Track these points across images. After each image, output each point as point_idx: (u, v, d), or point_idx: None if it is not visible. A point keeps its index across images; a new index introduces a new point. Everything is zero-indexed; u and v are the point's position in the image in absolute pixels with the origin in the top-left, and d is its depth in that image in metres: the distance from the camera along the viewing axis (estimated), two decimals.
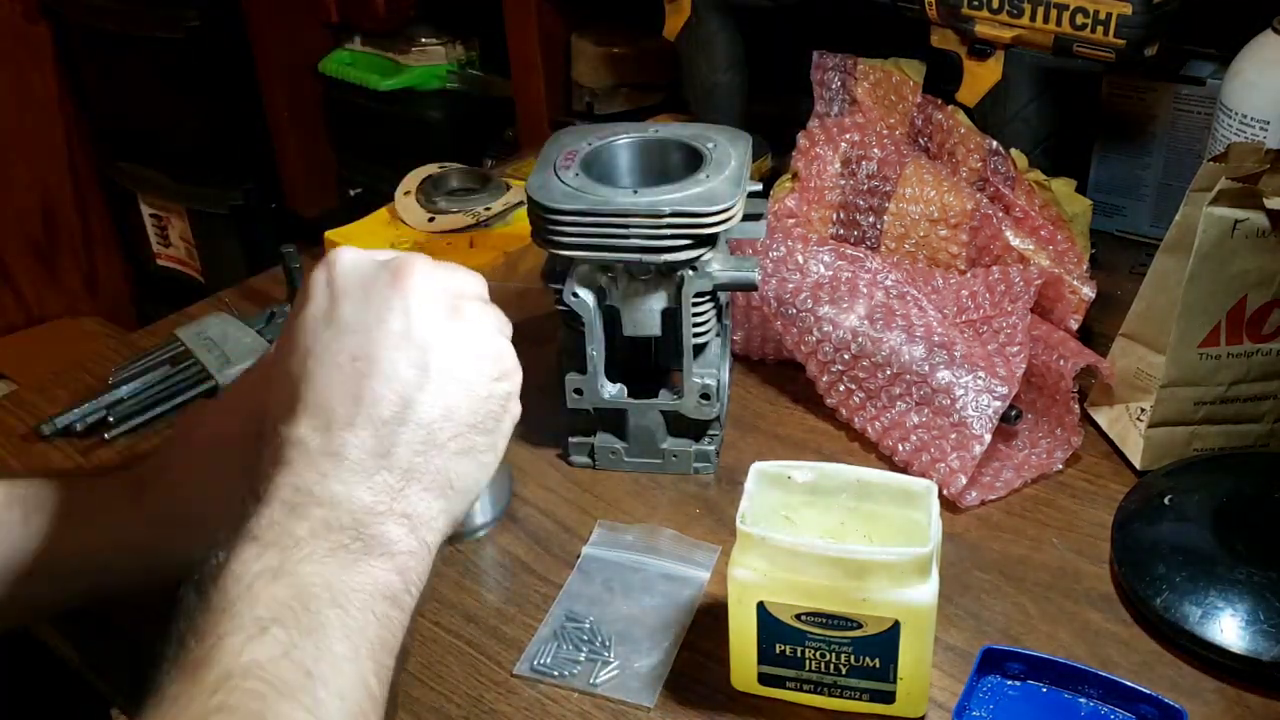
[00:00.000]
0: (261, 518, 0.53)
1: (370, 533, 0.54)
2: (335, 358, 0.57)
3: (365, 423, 0.56)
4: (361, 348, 0.57)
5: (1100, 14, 0.92)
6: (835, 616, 0.63)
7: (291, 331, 0.59)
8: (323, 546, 0.53)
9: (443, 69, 1.62)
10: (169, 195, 1.99)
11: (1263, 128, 0.92)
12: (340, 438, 0.55)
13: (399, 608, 0.54)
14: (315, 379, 0.57)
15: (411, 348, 0.58)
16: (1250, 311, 0.79)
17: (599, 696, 0.69)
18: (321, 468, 0.55)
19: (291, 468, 0.55)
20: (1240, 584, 0.70)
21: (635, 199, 0.76)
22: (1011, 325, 0.86)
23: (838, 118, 1.01)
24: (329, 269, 0.60)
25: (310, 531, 0.53)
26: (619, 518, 0.81)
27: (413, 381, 0.57)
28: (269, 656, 0.48)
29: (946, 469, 0.80)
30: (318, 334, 0.58)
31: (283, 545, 0.52)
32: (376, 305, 0.58)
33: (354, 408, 0.56)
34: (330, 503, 0.54)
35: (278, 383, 0.58)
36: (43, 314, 2.21)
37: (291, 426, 0.56)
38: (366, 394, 0.56)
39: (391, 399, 0.57)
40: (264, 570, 0.51)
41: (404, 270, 0.59)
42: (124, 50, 1.89)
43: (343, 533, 0.53)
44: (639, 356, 0.86)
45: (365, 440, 0.56)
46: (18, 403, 0.97)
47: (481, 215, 1.11)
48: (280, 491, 0.54)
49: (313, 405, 0.56)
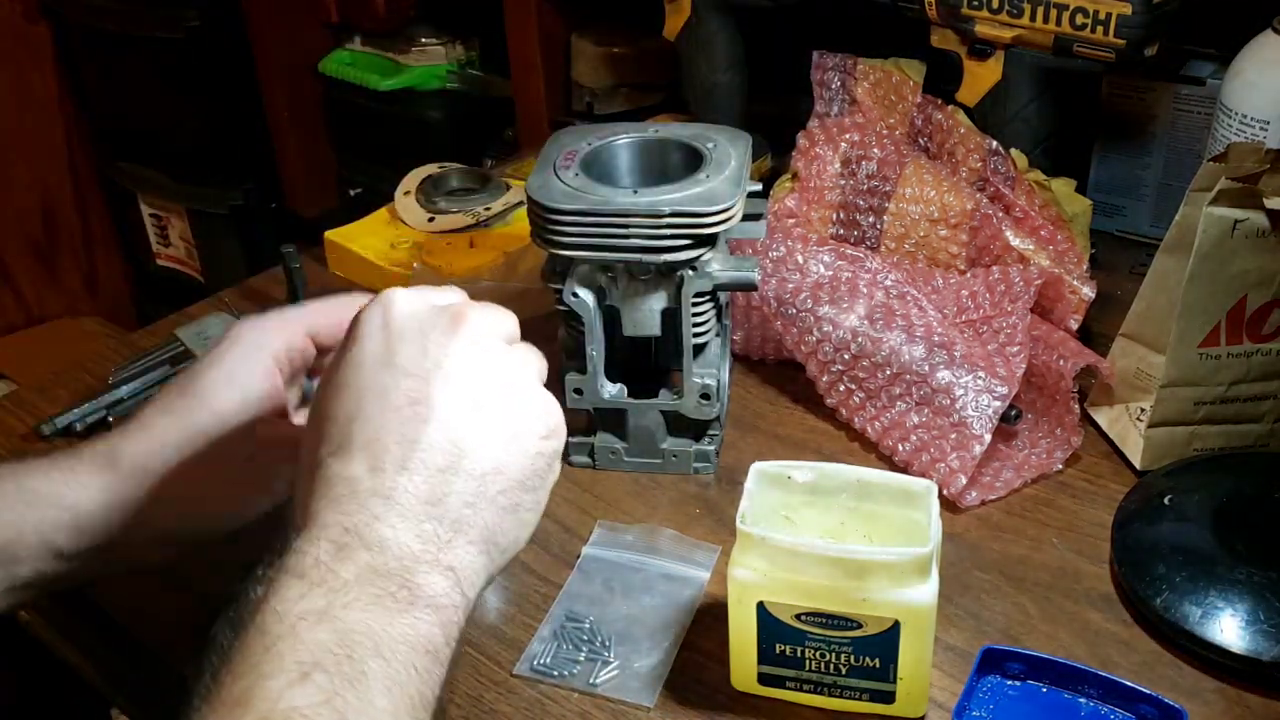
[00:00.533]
0: (306, 555, 0.52)
1: (416, 582, 0.53)
2: (393, 399, 0.56)
3: (419, 467, 0.55)
4: (419, 392, 0.56)
5: (1100, 14, 0.92)
6: (835, 616, 0.63)
7: (342, 370, 0.58)
8: (368, 592, 0.51)
9: (443, 69, 1.62)
10: (169, 195, 1.99)
11: (1263, 128, 0.92)
12: (393, 480, 0.54)
13: (438, 662, 0.52)
14: (370, 418, 0.56)
15: (469, 399, 0.57)
16: (1250, 311, 0.79)
17: (599, 696, 0.69)
18: (373, 508, 0.54)
19: (340, 505, 0.54)
20: (1240, 584, 0.70)
21: (635, 199, 0.76)
22: (1011, 325, 0.86)
23: (838, 118, 1.01)
24: (384, 311, 0.59)
25: (356, 575, 0.52)
26: (619, 518, 0.81)
27: (468, 433, 0.57)
28: (309, 704, 0.47)
29: (946, 469, 0.80)
30: (375, 374, 0.57)
31: (329, 586, 0.51)
32: (435, 352, 0.57)
33: (409, 451, 0.55)
34: (379, 547, 0.53)
35: (326, 421, 0.57)
36: (43, 314, 2.21)
37: (343, 462, 0.55)
38: (423, 439, 0.55)
39: (447, 447, 0.56)
40: (308, 611, 0.50)
41: (462, 318, 0.59)
42: (124, 50, 1.89)
43: (389, 579, 0.52)
44: (639, 356, 0.86)
45: (418, 486, 0.55)
46: (18, 403, 0.97)
47: (481, 215, 1.11)
48: (328, 530, 0.53)
49: (366, 444, 0.55)
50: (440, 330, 0.58)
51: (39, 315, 2.21)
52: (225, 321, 1.01)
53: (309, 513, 0.54)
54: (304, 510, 0.55)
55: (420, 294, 0.60)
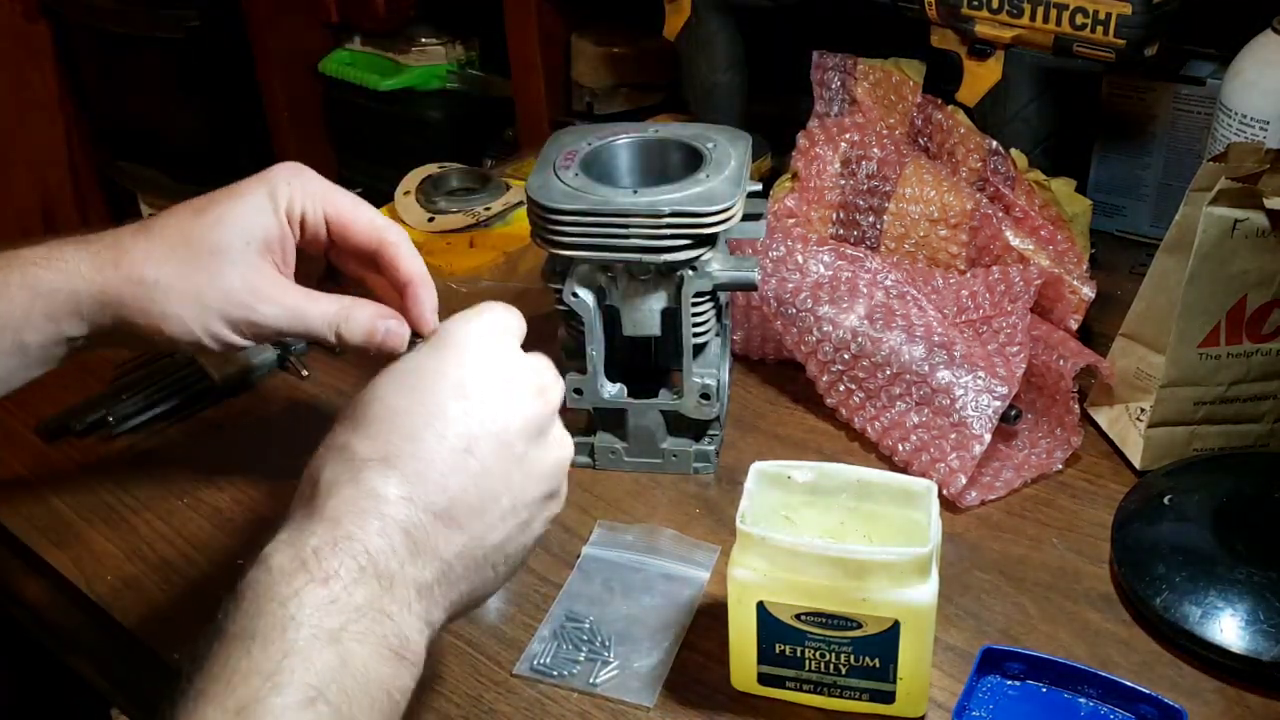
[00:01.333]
0: (327, 562, 0.52)
1: (406, 634, 0.53)
2: (451, 438, 0.56)
3: (444, 514, 0.55)
4: (478, 443, 0.57)
5: (1100, 14, 0.92)
6: (835, 616, 0.63)
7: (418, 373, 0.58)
8: (373, 630, 0.51)
9: (443, 69, 1.62)
10: (169, 195, 1.98)
11: (1263, 128, 0.92)
12: (419, 518, 0.55)
13: (399, 713, 0.53)
14: (422, 444, 0.56)
15: (518, 475, 0.58)
16: (1250, 311, 0.79)
17: (599, 696, 0.69)
18: (393, 540, 0.54)
19: (366, 521, 0.53)
20: (1240, 584, 0.70)
21: (635, 199, 0.76)
22: (1011, 325, 0.86)
23: (838, 118, 1.01)
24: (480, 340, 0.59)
25: (366, 603, 0.52)
26: (619, 518, 0.82)
27: (499, 506, 0.57)
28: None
29: (946, 469, 0.80)
30: (447, 402, 0.57)
31: (342, 606, 0.51)
32: (510, 411, 0.58)
33: (441, 495, 0.55)
34: (388, 585, 0.53)
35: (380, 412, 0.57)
36: None
37: (382, 479, 0.55)
38: (459, 491, 0.56)
39: (475, 507, 0.56)
40: (322, 629, 0.50)
41: (548, 390, 0.60)
42: (124, 50, 1.88)
43: (387, 624, 0.52)
44: (639, 356, 0.86)
45: (437, 533, 0.55)
46: (18, 403, 0.97)
47: (481, 215, 1.11)
48: (351, 544, 0.52)
49: (410, 472, 0.55)
50: (527, 394, 0.59)
51: None
52: None
53: (329, 504, 0.54)
54: (323, 492, 0.54)
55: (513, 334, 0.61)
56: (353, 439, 0.56)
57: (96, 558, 0.80)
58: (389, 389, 0.58)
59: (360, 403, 0.58)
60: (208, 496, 0.85)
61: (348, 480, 0.55)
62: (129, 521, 0.83)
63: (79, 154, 2.15)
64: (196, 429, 0.93)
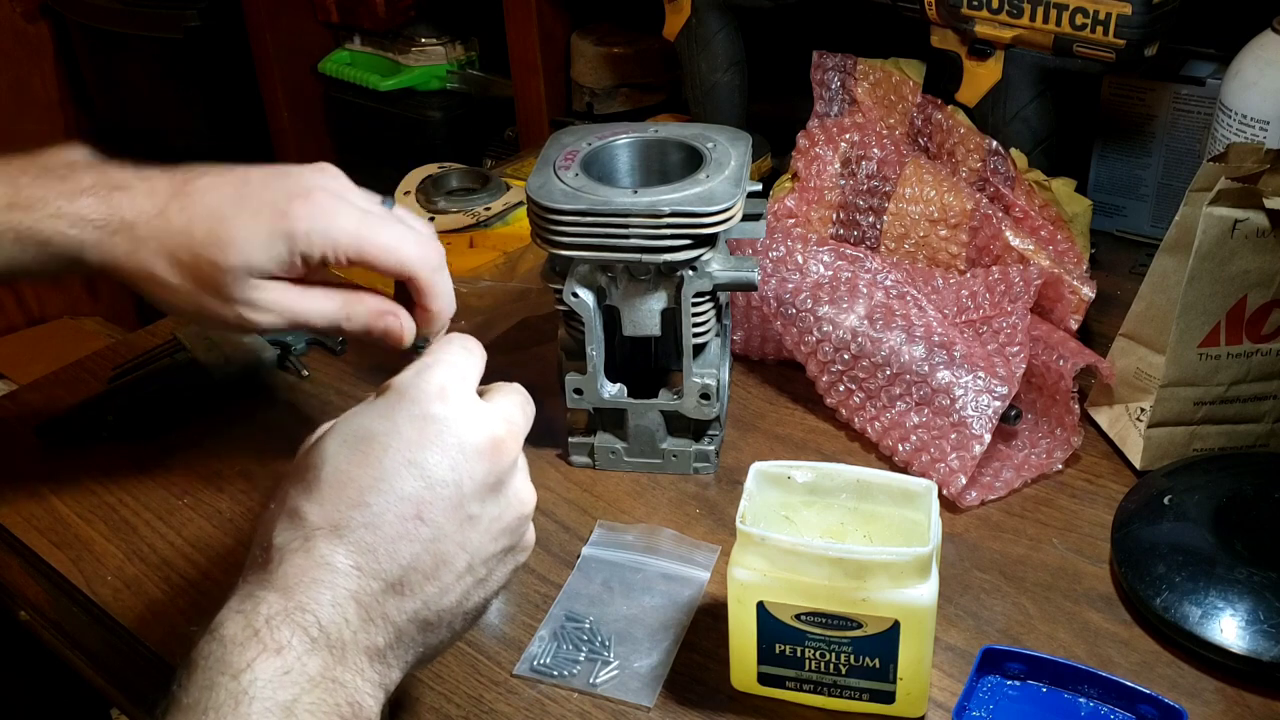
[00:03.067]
0: (279, 631, 0.51)
1: (358, 700, 0.53)
2: (402, 505, 0.55)
3: (396, 584, 0.55)
4: (430, 511, 0.56)
5: (1100, 14, 0.92)
6: (835, 616, 0.63)
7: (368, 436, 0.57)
8: (325, 701, 0.51)
9: (443, 69, 1.62)
10: None
11: (1262, 128, 0.92)
12: (370, 586, 0.54)
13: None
14: (372, 513, 0.55)
15: (470, 533, 0.57)
16: (1250, 311, 0.79)
17: (599, 696, 0.69)
18: (346, 611, 0.53)
19: (316, 590, 0.53)
20: (1240, 584, 0.69)
21: (635, 199, 0.76)
22: (1011, 325, 0.86)
23: (838, 118, 1.02)
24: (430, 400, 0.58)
25: (319, 674, 0.52)
26: (619, 518, 0.82)
27: (454, 567, 0.57)
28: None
29: (946, 469, 0.80)
30: (397, 468, 0.56)
31: (296, 679, 0.51)
32: (461, 472, 0.57)
33: (392, 564, 0.55)
34: (340, 654, 0.53)
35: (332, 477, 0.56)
36: (43, 314, 2.21)
37: (331, 548, 0.54)
38: (411, 561, 0.55)
39: (428, 571, 0.56)
40: (275, 703, 0.50)
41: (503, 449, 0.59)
42: (124, 50, 1.88)
43: (340, 690, 0.52)
44: (639, 356, 0.86)
45: (388, 601, 0.55)
46: (18, 403, 0.97)
47: (481, 215, 1.11)
48: (303, 615, 0.52)
49: (359, 542, 0.55)
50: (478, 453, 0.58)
51: (39, 315, 2.21)
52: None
53: (281, 572, 0.54)
54: (275, 558, 0.54)
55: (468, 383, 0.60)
56: (303, 504, 0.56)
57: (96, 558, 0.80)
58: (339, 453, 0.57)
59: (310, 465, 0.57)
60: (208, 497, 0.85)
61: (299, 548, 0.54)
62: (129, 521, 0.83)
63: None
64: (196, 429, 0.93)
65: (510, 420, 0.61)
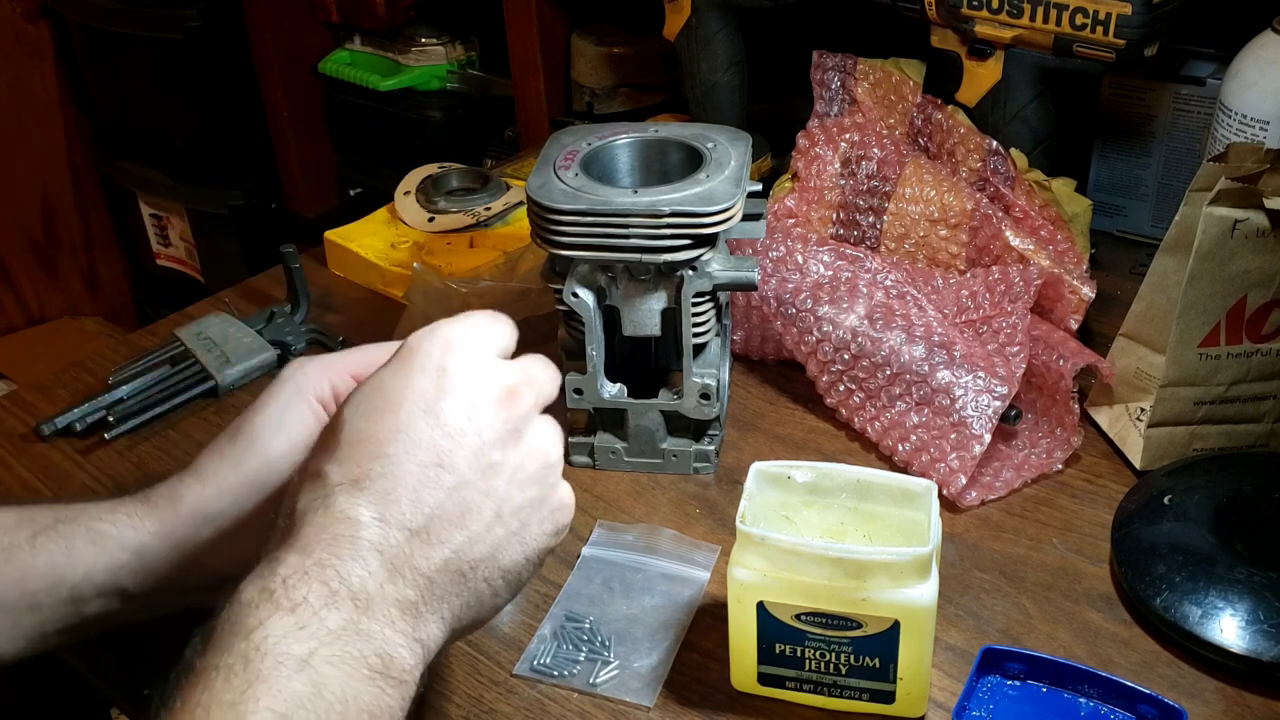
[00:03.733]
0: (297, 590, 0.51)
1: (389, 651, 0.52)
2: (421, 453, 0.55)
3: (422, 534, 0.55)
4: (450, 456, 0.56)
5: (1100, 14, 0.92)
6: (835, 616, 0.63)
7: (384, 392, 0.57)
8: (348, 651, 0.51)
9: (443, 69, 1.62)
10: (169, 195, 1.99)
11: (1262, 128, 0.92)
12: (395, 538, 0.54)
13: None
14: (392, 463, 0.55)
15: (494, 482, 0.57)
16: (1250, 311, 0.79)
17: (599, 696, 0.69)
18: (369, 563, 0.53)
19: (338, 547, 0.53)
20: (1240, 584, 0.69)
21: (635, 199, 0.76)
22: (1011, 325, 0.86)
23: (838, 118, 1.02)
24: (444, 351, 0.58)
25: (340, 626, 0.51)
26: (619, 518, 0.82)
27: (479, 516, 0.56)
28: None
29: (946, 469, 0.80)
30: (414, 418, 0.56)
31: (313, 632, 0.50)
32: (479, 421, 0.57)
33: (416, 512, 0.55)
34: (365, 605, 0.52)
35: (344, 436, 0.56)
36: (43, 314, 2.21)
37: (352, 501, 0.54)
38: (435, 507, 0.55)
39: (454, 519, 0.55)
40: (289, 655, 0.49)
41: (517, 395, 0.58)
42: (124, 50, 1.89)
43: (367, 642, 0.52)
44: (639, 356, 0.86)
45: (415, 553, 0.54)
46: (18, 403, 0.97)
47: (481, 215, 1.11)
48: (323, 570, 0.52)
49: (380, 491, 0.54)
50: (493, 400, 0.58)
51: (39, 315, 2.21)
52: (225, 321, 1.01)
53: (303, 534, 0.53)
54: (297, 522, 0.54)
55: (484, 342, 0.59)
56: (324, 465, 0.56)
57: None
58: (356, 411, 0.57)
59: (331, 430, 0.57)
60: None
61: (319, 507, 0.54)
62: None
63: (79, 154, 2.15)
64: (196, 429, 0.93)
65: (526, 371, 0.60)
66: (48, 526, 0.66)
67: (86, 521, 0.66)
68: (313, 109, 1.73)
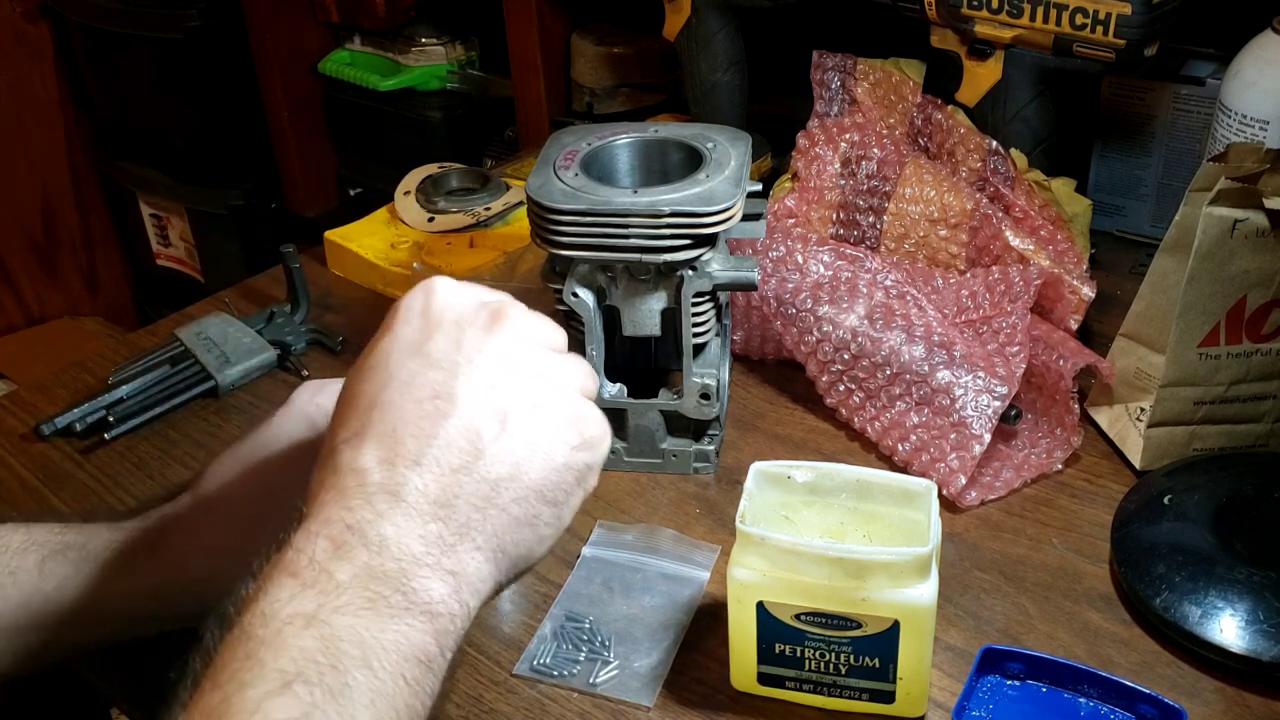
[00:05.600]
0: (303, 552, 0.50)
1: (412, 586, 0.51)
2: (416, 391, 0.55)
3: (432, 464, 0.53)
4: (445, 386, 0.55)
5: (1100, 14, 0.92)
6: (835, 616, 0.63)
7: (374, 353, 0.57)
8: (362, 596, 0.49)
9: (443, 69, 1.62)
10: (169, 195, 1.99)
11: (1262, 128, 0.92)
12: (403, 474, 0.53)
13: (431, 672, 0.50)
14: (390, 407, 0.54)
15: (496, 398, 0.56)
16: (1250, 311, 0.79)
17: (599, 696, 0.69)
18: (377, 506, 0.52)
19: (346, 499, 0.52)
20: (1240, 584, 0.69)
21: (635, 199, 0.76)
22: (1011, 325, 0.86)
23: (838, 118, 1.02)
24: (426, 297, 0.58)
25: (352, 576, 0.50)
26: (619, 518, 0.82)
27: (488, 433, 0.55)
28: (287, 716, 0.45)
29: (946, 469, 0.80)
30: (403, 362, 0.56)
31: (320, 588, 0.49)
32: (469, 346, 0.56)
33: (424, 446, 0.54)
34: (379, 546, 0.51)
35: (348, 403, 0.56)
36: (43, 314, 2.21)
37: (356, 452, 0.54)
38: (440, 435, 0.54)
39: (463, 445, 0.54)
40: (296, 615, 0.48)
41: (502, 315, 0.58)
42: (124, 50, 1.89)
43: (385, 582, 0.50)
44: (639, 356, 0.86)
45: (428, 484, 0.53)
46: (18, 403, 0.97)
47: (481, 215, 1.11)
48: (330, 526, 0.51)
49: (382, 434, 0.54)
50: (478, 326, 0.57)
51: (39, 315, 2.21)
52: (225, 321, 1.01)
53: (315, 502, 0.53)
54: (311, 498, 0.54)
55: (467, 287, 0.59)
56: (331, 435, 0.56)
57: None
58: (354, 378, 0.57)
59: (337, 403, 0.57)
60: None
61: (328, 470, 0.54)
62: None
63: (79, 154, 2.15)
64: (196, 429, 0.93)
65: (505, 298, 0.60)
66: (57, 551, 0.66)
67: (96, 548, 0.66)
68: (313, 109, 1.73)
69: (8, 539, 0.66)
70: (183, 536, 0.67)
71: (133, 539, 0.68)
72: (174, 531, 0.67)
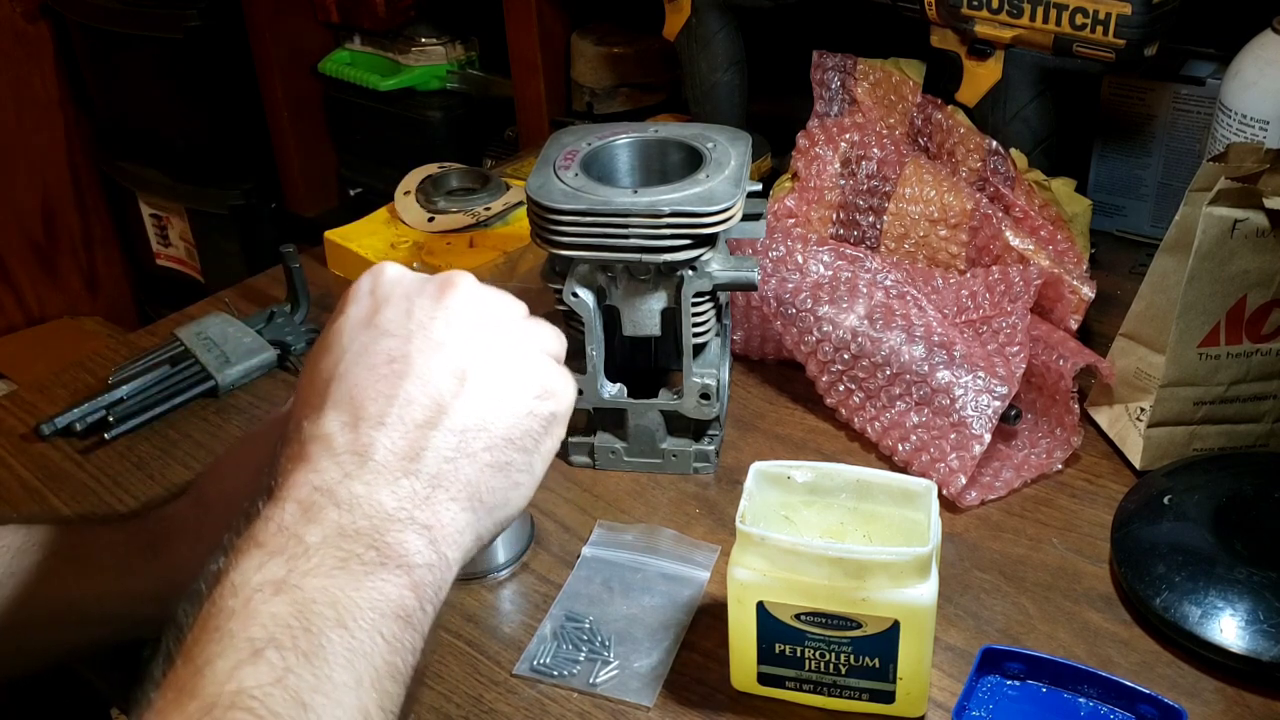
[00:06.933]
0: (271, 521, 0.50)
1: (386, 540, 0.51)
2: (371, 359, 0.55)
3: (396, 423, 0.54)
4: (399, 350, 0.55)
5: (1100, 14, 0.92)
6: (835, 616, 0.63)
7: (327, 335, 0.58)
8: (333, 556, 0.49)
9: (443, 69, 1.62)
10: (169, 195, 1.99)
11: (1262, 128, 0.92)
12: (369, 435, 0.53)
13: (412, 628, 0.50)
14: (348, 377, 0.55)
15: (451, 355, 0.56)
16: (1250, 311, 0.79)
17: (599, 696, 0.69)
18: (345, 466, 0.52)
19: (312, 464, 0.52)
20: (1240, 584, 0.69)
21: (635, 199, 0.76)
22: (1011, 325, 0.86)
23: (838, 118, 1.02)
24: (374, 277, 0.59)
25: (322, 538, 0.49)
26: (619, 518, 0.82)
27: (449, 388, 0.55)
28: (259, 684, 0.44)
29: (946, 469, 0.80)
30: (355, 336, 0.56)
31: (289, 554, 0.49)
32: (419, 314, 0.57)
33: (386, 407, 0.54)
34: (349, 505, 0.51)
35: (306, 385, 0.57)
36: (43, 314, 2.21)
37: (317, 422, 0.54)
38: (400, 394, 0.54)
39: (425, 402, 0.55)
40: (265, 582, 0.47)
41: (450, 283, 0.58)
42: (124, 50, 1.89)
43: (357, 540, 0.50)
44: (639, 356, 0.86)
45: (395, 441, 0.53)
46: (18, 403, 0.97)
47: (481, 215, 1.11)
48: (297, 490, 0.51)
49: (342, 401, 0.54)
50: (427, 295, 0.58)
51: (39, 315, 2.21)
52: (225, 321, 1.01)
53: (281, 473, 0.53)
54: (276, 473, 0.53)
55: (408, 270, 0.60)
56: (294, 415, 0.56)
57: None
58: (311, 361, 0.58)
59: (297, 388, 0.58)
60: None
61: (293, 445, 0.54)
62: None
63: (79, 154, 2.15)
64: (196, 429, 0.93)
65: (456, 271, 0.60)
66: (57, 551, 0.66)
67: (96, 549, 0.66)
68: (313, 109, 1.73)
69: (8, 539, 0.66)
70: (183, 537, 0.67)
71: (133, 540, 0.67)
72: (174, 532, 0.67)
